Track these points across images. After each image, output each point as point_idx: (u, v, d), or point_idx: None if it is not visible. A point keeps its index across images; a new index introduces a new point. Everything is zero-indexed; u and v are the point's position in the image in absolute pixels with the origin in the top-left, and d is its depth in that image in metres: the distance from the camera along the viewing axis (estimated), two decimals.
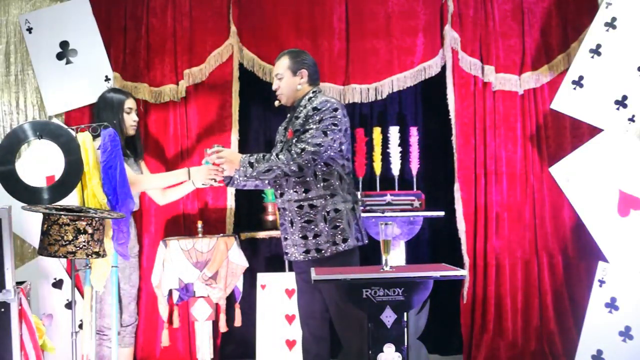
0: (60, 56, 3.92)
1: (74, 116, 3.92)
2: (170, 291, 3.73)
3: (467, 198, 3.99)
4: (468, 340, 4.01)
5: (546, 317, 3.97)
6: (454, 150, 4.01)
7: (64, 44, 3.92)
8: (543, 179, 4.00)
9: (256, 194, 4.15)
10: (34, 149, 3.71)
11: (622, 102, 3.50)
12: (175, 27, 4.01)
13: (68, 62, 3.92)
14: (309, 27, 4.03)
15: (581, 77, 3.59)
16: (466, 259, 3.96)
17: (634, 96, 3.47)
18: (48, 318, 3.65)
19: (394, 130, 4.10)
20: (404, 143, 4.13)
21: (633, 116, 3.48)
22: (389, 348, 2.47)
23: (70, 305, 3.15)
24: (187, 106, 4.03)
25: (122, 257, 3.04)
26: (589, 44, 3.57)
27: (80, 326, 3.26)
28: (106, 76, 3.93)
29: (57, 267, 3.78)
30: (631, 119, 3.48)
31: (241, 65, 4.04)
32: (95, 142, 2.96)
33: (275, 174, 2.83)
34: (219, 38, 4.01)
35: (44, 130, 2.86)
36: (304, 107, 2.97)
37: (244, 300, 3.87)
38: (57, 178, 2.89)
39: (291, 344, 3.82)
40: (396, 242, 3.91)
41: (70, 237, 2.55)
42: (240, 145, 4.06)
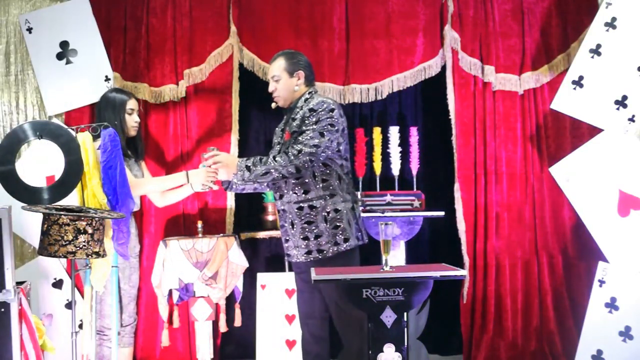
0: (60, 56, 3.92)
1: (74, 116, 3.92)
2: (170, 291, 3.73)
3: (467, 198, 3.99)
4: (468, 340, 4.01)
5: (546, 317, 3.97)
6: (454, 150, 4.01)
7: (64, 44, 3.92)
8: (543, 179, 4.00)
9: (256, 194, 4.14)
10: (34, 149, 3.71)
11: (622, 102, 3.50)
12: (175, 27, 4.01)
13: (68, 62, 3.92)
14: (309, 27, 4.03)
15: (581, 77, 3.59)
16: (466, 259, 3.96)
17: (634, 96, 3.48)
18: (48, 318, 3.66)
19: (394, 130, 4.10)
20: (404, 143, 4.13)
21: (633, 116, 3.48)
22: (389, 348, 2.47)
23: (70, 305, 3.15)
24: (187, 106, 4.03)
25: (122, 257, 3.05)
26: (589, 44, 3.57)
27: (80, 326, 3.26)
28: (106, 76, 3.93)
29: (57, 267, 3.78)
30: (631, 119, 3.48)
31: (241, 65, 4.04)
32: (95, 142, 2.96)
33: (273, 176, 2.83)
34: (219, 38, 4.01)
35: (44, 130, 2.86)
36: (300, 109, 2.97)
37: (244, 300, 3.87)
38: (57, 178, 2.89)
39: (291, 344, 3.82)
40: (396, 242, 3.91)
41: (70, 237, 2.55)
42: (240, 146, 4.06)
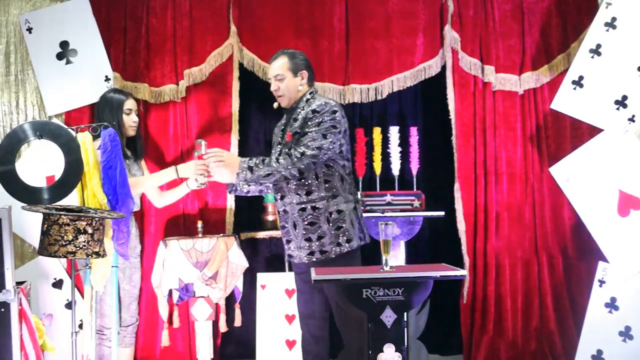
0: (60, 56, 3.92)
1: (74, 116, 3.92)
2: (170, 291, 3.73)
3: (467, 198, 3.99)
4: (468, 340, 4.01)
5: (546, 317, 3.97)
6: (454, 150, 4.01)
7: (64, 44, 3.92)
8: (543, 179, 4.00)
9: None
10: (34, 149, 3.71)
11: (622, 102, 3.50)
12: (175, 27, 4.01)
13: (68, 62, 3.92)
14: (309, 27, 4.03)
15: (581, 77, 3.59)
16: (466, 259, 3.96)
17: (634, 96, 3.47)
18: (48, 318, 3.66)
19: (394, 130, 4.10)
20: (404, 143, 4.13)
21: (633, 116, 3.48)
22: (389, 348, 2.47)
23: (70, 305, 3.15)
24: (187, 106, 4.03)
25: (122, 257, 3.05)
26: (589, 44, 3.57)
27: (80, 326, 3.26)
28: (106, 76, 3.93)
29: (57, 267, 3.78)
30: (631, 119, 3.48)
31: (241, 65, 4.04)
32: (95, 142, 2.96)
33: (276, 178, 2.82)
34: (219, 38, 4.01)
35: (44, 130, 2.86)
36: (301, 109, 2.96)
37: (244, 300, 3.87)
38: (57, 178, 2.89)
39: (291, 344, 3.82)
40: (396, 242, 3.91)
41: (70, 237, 2.55)
42: (240, 145, 4.06)
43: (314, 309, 3.00)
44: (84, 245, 2.58)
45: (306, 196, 2.89)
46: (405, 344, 2.50)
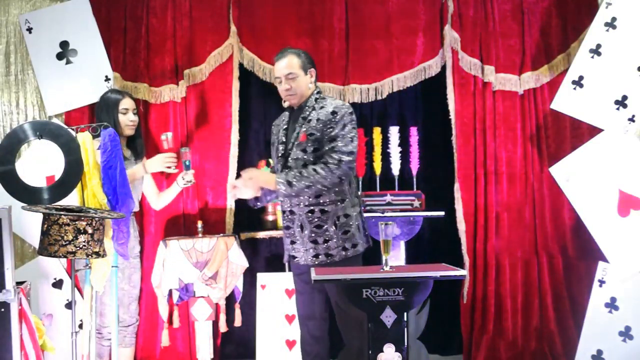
0: (60, 56, 3.92)
1: (74, 116, 3.92)
2: (170, 291, 3.73)
3: (467, 198, 3.99)
4: (468, 340, 4.01)
5: (546, 317, 3.97)
6: (454, 150, 4.01)
7: (64, 44, 3.92)
8: (543, 179, 4.00)
9: None
10: (34, 149, 3.71)
11: (622, 102, 3.50)
12: (175, 27, 4.01)
13: (68, 62, 3.92)
14: (309, 27, 4.03)
15: (581, 77, 3.59)
16: (466, 259, 3.96)
17: (634, 96, 3.47)
18: (48, 318, 3.66)
19: (394, 130, 4.10)
20: (404, 143, 4.13)
21: (633, 116, 3.48)
22: (389, 348, 2.47)
23: (70, 305, 3.15)
24: (187, 106, 4.03)
25: (122, 257, 3.05)
26: (589, 44, 3.57)
27: (80, 326, 3.26)
28: (106, 76, 3.93)
29: (57, 267, 3.78)
30: (631, 119, 3.48)
31: (241, 65, 4.05)
32: (95, 142, 2.96)
33: (317, 188, 2.79)
34: (219, 38, 4.01)
35: (44, 130, 2.86)
36: (312, 109, 2.93)
37: (244, 300, 3.87)
38: (57, 178, 2.89)
39: (291, 344, 3.82)
40: (396, 242, 3.91)
41: (70, 237, 2.55)
42: (240, 146, 4.06)
43: (314, 309, 2.99)
44: (84, 245, 2.58)
45: (315, 199, 2.86)
46: (405, 344, 2.50)
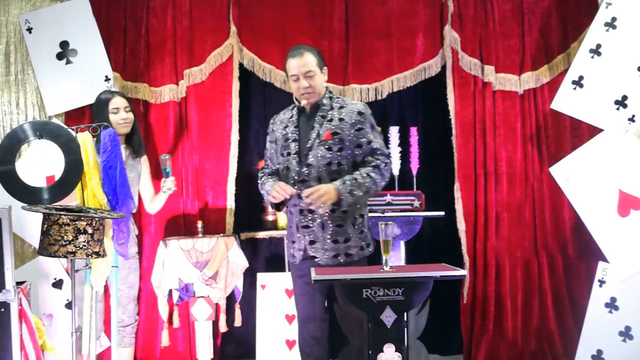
0: (60, 56, 3.92)
1: (74, 116, 3.91)
2: (170, 291, 3.73)
3: (467, 198, 3.99)
4: (468, 340, 4.01)
5: (546, 317, 3.97)
6: (454, 150, 4.01)
7: (64, 44, 3.92)
8: (543, 179, 4.00)
9: (256, 194, 4.14)
10: (34, 149, 3.71)
11: (622, 102, 3.50)
12: (175, 27, 4.01)
13: (68, 62, 3.92)
14: (309, 27, 4.03)
15: (581, 77, 3.59)
16: (466, 259, 3.96)
17: (634, 96, 3.47)
18: (48, 318, 3.66)
19: (394, 130, 4.10)
20: (404, 143, 4.13)
21: (633, 116, 3.48)
22: (389, 348, 2.47)
23: (70, 305, 3.15)
24: (187, 106, 4.03)
25: (122, 257, 3.05)
26: (589, 44, 3.57)
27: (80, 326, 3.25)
28: (106, 76, 3.93)
29: (57, 267, 3.77)
30: (631, 119, 3.48)
31: (241, 65, 4.05)
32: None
33: (371, 193, 2.84)
34: (219, 38, 4.01)
35: (44, 130, 2.86)
36: (330, 108, 2.91)
37: (244, 300, 3.87)
38: (57, 178, 2.89)
39: (291, 344, 3.82)
40: (396, 242, 3.91)
41: (70, 237, 2.55)
42: (240, 146, 4.06)
43: (315, 311, 2.96)
44: (84, 245, 2.58)
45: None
46: (405, 344, 2.50)
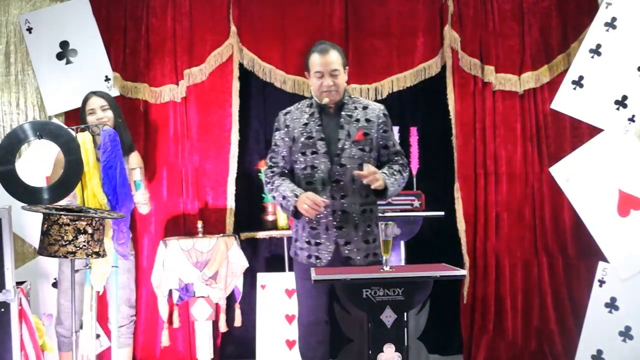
0: (60, 56, 3.92)
1: (74, 116, 3.91)
2: (170, 291, 3.73)
3: (467, 198, 3.99)
4: (468, 340, 4.01)
5: (546, 317, 3.97)
6: (454, 150, 4.01)
7: (64, 44, 3.92)
8: (543, 179, 4.00)
9: (256, 194, 4.15)
10: (34, 149, 3.71)
11: (622, 102, 3.50)
12: (175, 27, 4.01)
13: (68, 62, 3.92)
14: (309, 28, 4.03)
15: (581, 77, 3.59)
16: (466, 259, 3.96)
17: (634, 96, 3.48)
18: (48, 318, 3.66)
19: (394, 130, 4.08)
20: (404, 143, 4.12)
21: (633, 116, 3.48)
22: (389, 348, 2.47)
23: None
24: (187, 106, 4.03)
25: (122, 257, 3.05)
26: (589, 44, 3.57)
27: (81, 326, 3.26)
28: (106, 76, 3.93)
29: (57, 267, 3.77)
30: (631, 119, 3.48)
31: (241, 65, 4.05)
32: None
33: (397, 192, 2.88)
34: (219, 38, 4.01)
35: (44, 130, 2.86)
36: (353, 107, 2.88)
37: (244, 300, 3.87)
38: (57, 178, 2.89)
39: (291, 344, 3.82)
40: (396, 242, 3.90)
41: (70, 237, 2.55)
42: (240, 145, 4.06)
43: (321, 314, 2.89)
44: (84, 245, 2.58)
45: (365, 198, 2.83)
46: (405, 344, 2.50)
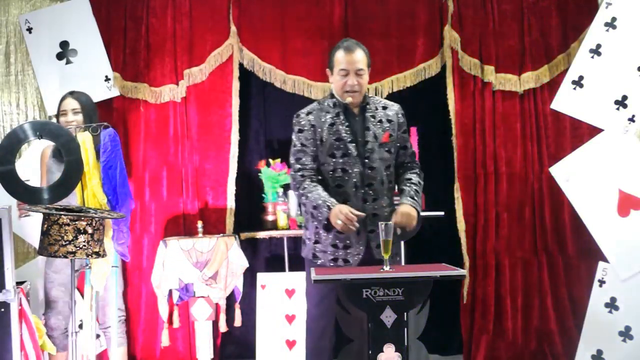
0: (60, 56, 3.92)
1: None
2: (170, 291, 3.73)
3: (467, 198, 3.99)
4: (468, 340, 4.01)
5: (546, 317, 3.97)
6: (454, 150, 4.01)
7: (64, 44, 3.92)
8: (543, 179, 4.00)
9: (256, 193, 4.15)
10: (34, 149, 3.71)
11: (622, 102, 3.50)
12: (175, 27, 4.01)
13: (68, 62, 3.92)
14: (309, 27, 4.03)
15: (581, 77, 3.59)
16: (466, 259, 3.96)
17: (634, 96, 3.47)
18: None
19: None
20: None
21: (633, 116, 3.48)
22: (389, 348, 2.47)
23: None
24: (187, 106, 4.03)
25: (122, 257, 3.05)
26: (589, 44, 3.57)
27: (80, 326, 3.26)
28: (106, 76, 3.93)
29: None
30: (631, 119, 3.48)
31: (241, 65, 4.05)
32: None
33: None
34: (219, 38, 4.01)
35: (44, 130, 2.86)
36: (375, 108, 2.85)
37: (244, 300, 3.87)
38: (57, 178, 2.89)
39: (291, 344, 3.82)
40: (396, 242, 3.89)
41: (70, 237, 2.55)
42: (240, 146, 4.06)
43: (332, 318, 2.77)
44: (84, 245, 2.58)
45: (391, 199, 2.84)
46: (405, 344, 2.50)
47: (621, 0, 3.51)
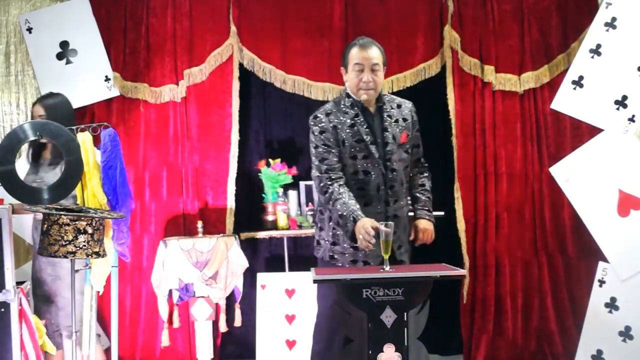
0: (60, 56, 3.92)
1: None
2: (170, 291, 3.73)
3: (467, 198, 3.99)
4: (468, 340, 4.01)
5: (546, 317, 3.97)
6: (454, 150, 4.01)
7: (64, 44, 3.92)
8: (543, 179, 4.00)
9: (256, 193, 4.15)
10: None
11: (622, 102, 3.50)
12: (175, 27, 4.01)
13: (68, 62, 3.92)
14: (309, 27, 4.03)
15: (581, 77, 3.59)
16: (466, 259, 3.96)
17: (634, 96, 3.47)
18: None
19: None
20: None
21: (633, 116, 3.48)
22: (389, 348, 2.47)
23: None
24: (187, 106, 4.03)
25: (122, 257, 3.05)
26: (589, 44, 3.57)
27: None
28: (106, 76, 3.93)
29: None
30: (631, 119, 3.48)
31: (241, 65, 4.05)
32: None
33: None
34: (219, 38, 4.01)
35: (44, 130, 2.86)
36: (390, 107, 2.85)
37: (244, 300, 3.87)
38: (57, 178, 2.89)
39: (291, 344, 3.82)
40: None
41: (70, 237, 2.56)
42: (240, 146, 4.06)
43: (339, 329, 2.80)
44: (84, 245, 2.59)
45: (407, 198, 2.86)
46: (405, 344, 2.50)
47: (621, 0, 3.51)
